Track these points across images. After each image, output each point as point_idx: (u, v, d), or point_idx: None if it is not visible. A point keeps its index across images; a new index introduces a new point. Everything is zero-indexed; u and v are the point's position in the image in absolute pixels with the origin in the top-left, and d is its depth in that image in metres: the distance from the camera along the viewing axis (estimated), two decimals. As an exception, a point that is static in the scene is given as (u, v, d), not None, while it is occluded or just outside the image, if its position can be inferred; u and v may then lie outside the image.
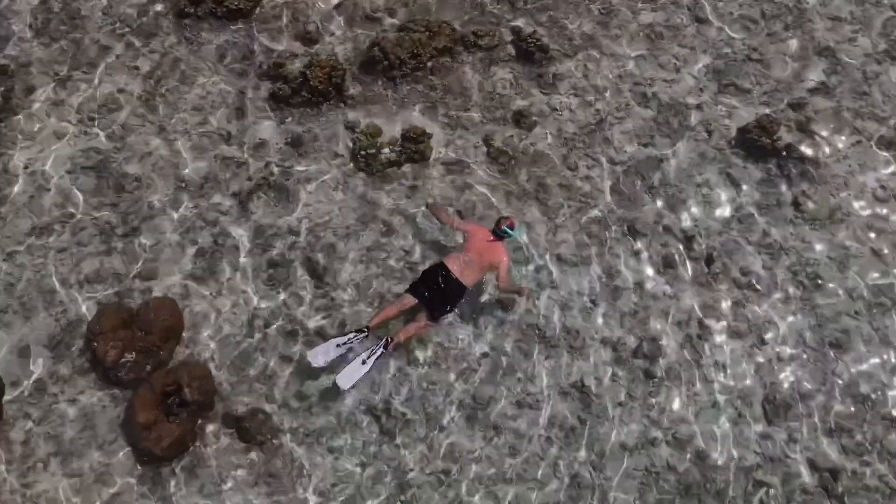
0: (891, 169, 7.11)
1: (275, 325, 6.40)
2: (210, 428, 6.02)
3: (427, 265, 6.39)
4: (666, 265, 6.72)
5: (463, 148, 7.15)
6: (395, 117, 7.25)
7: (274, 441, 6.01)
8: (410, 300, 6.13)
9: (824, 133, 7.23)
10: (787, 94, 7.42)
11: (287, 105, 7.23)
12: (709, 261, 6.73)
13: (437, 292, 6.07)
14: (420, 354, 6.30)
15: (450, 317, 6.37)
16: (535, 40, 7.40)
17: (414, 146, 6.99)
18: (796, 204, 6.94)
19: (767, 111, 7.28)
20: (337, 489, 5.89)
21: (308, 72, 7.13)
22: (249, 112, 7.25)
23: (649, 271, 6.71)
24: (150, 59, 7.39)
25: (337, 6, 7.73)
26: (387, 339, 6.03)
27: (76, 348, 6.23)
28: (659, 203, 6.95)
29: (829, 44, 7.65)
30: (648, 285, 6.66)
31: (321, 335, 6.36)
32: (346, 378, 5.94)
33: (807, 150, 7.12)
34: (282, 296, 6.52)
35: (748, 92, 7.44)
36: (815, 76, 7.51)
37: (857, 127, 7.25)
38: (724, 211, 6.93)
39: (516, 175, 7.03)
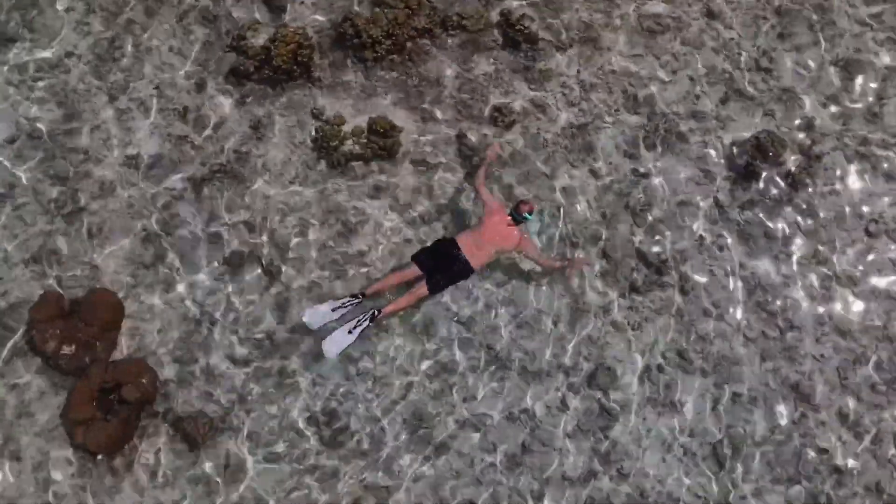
0: (887, 201, 6.60)
1: (221, 322, 6.20)
2: (149, 425, 5.94)
3: (440, 236, 6.19)
4: (633, 290, 6.38)
5: (434, 144, 6.64)
6: (364, 104, 6.70)
7: (213, 442, 5.94)
8: (414, 271, 5.91)
9: (829, 160, 6.65)
10: (796, 110, 6.78)
11: (248, 82, 6.70)
12: (681, 289, 6.38)
13: (444, 268, 5.85)
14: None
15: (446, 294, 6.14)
16: (523, 27, 6.71)
17: (381, 140, 6.49)
18: (784, 238, 6.48)
19: (770, 128, 6.68)
20: (270, 495, 5.87)
21: (272, 47, 6.55)
22: (209, 87, 6.73)
23: (615, 295, 6.38)
24: (101, 18, 6.81)
25: (310, -31, 7.04)
26: (374, 312, 5.83)
27: (19, 332, 6.09)
28: (634, 222, 6.51)
29: (851, 54, 6.92)
30: (613, 311, 6.34)
31: (269, 336, 6.18)
32: (332, 345, 5.79)
33: (806, 178, 6.56)
34: (230, 290, 6.28)
35: (751, 100, 6.80)
36: (830, 90, 6.85)
37: (863, 153, 6.66)
38: (704, 237, 6.49)
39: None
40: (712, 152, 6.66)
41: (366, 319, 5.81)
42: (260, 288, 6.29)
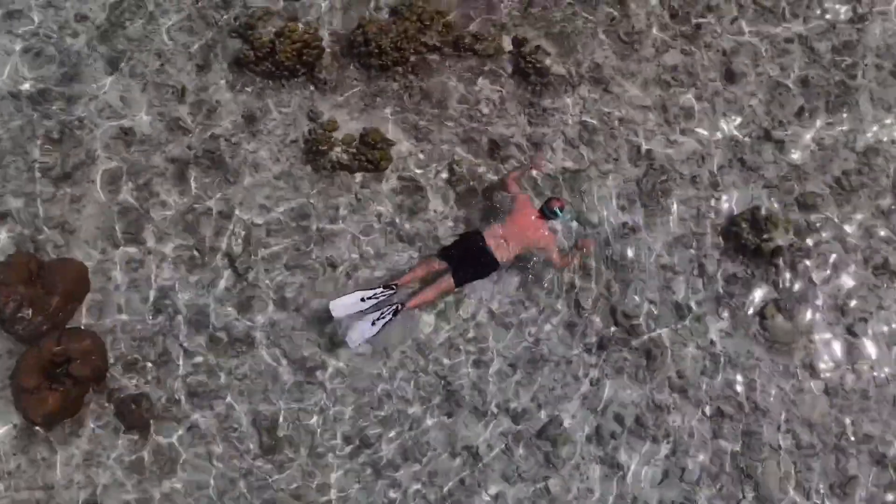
0: (878, 300, 6.33)
1: (183, 311, 6.17)
2: (94, 403, 5.95)
3: (463, 231, 6.18)
4: (600, 347, 6.23)
5: (424, 166, 6.52)
6: (361, 113, 6.58)
7: (153, 430, 5.95)
8: (441, 263, 5.87)
9: (826, 248, 6.41)
10: (800, 187, 6.54)
11: (250, 72, 6.62)
12: (648, 354, 6.22)
13: (470, 262, 5.81)
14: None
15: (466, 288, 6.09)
16: (535, 60, 6.53)
17: (369, 152, 6.38)
18: (762, 316, 6.28)
19: (769, 203, 6.45)
20: (201, 492, 5.87)
21: (278, 42, 6.46)
22: (211, 70, 6.66)
23: (579, 349, 6.23)
24: (117, -16, 6.76)
25: (333, -34, 6.90)
26: (398, 306, 5.80)
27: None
28: (613, 278, 6.34)
29: (871, 141, 6.64)
30: (575, 363, 6.20)
31: (227, 330, 6.15)
32: (356, 335, 5.75)
33: (797, 262, 6.33)
34: (198, 280, 6.25)
35: (755, 171, 6.57)
36: (840, 174, 6.57)
37: (863, 247, 6.40)
38: (682, 304, 6.31)
39: (472, 210, 6.43)
40: (706, 218, 6.45)
41: (389, 313, 5.76)
42: (227, 282, 6.24)
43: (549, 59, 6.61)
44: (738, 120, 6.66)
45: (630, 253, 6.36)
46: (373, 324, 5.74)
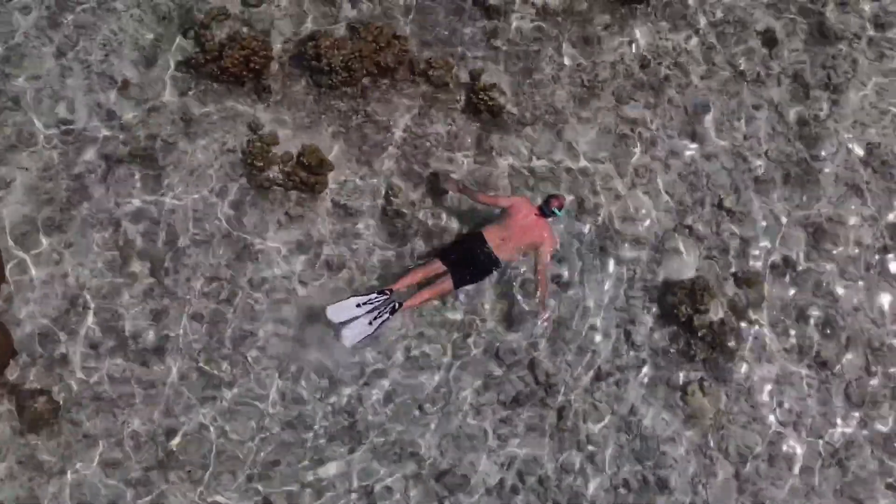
0: (807, 389, 6.14)
1: (95, 313, 6.06)
2: (-7, 393, 5.92)
3: (464, 232, 6.09)
4: (514, 401, 6.08)
5: (360, 192, 6.33)
6: (304, 131, 6.37)
7: (50, 430, 5.87)
8: (439, 266, 5.79)
9: (760, 330, 6.18)
10: (743, 264, 6.30)
11: (197, 74, 6.42)
12: (560, 414, 6.07)
13: (469, 262, 5.77)
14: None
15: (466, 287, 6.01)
16: (488, 97, 6.29)
17: (305, 174, 6.20)
18: (684, 391, 6.10)
19: (709, 275, 6.22)
20: (91, 497, 5.81)
21: (227, 46, 6.24)
22: (157, 66, 6.47)
23: (493, 400, 6.08)
24: (67, -32, 6.54)
25: (296, -28, 6.64)
26: (394, 305, 5.73)
27: None
28: (537, 333, 6.15)
29: (825, 219, 6.38)
30: (487, 414, 6.07)
31: (135, 337, 6.03)
32: (351, 335, 5.70)
33: (729, 339, 6.11)
34: (115, 281, 6.12)
35: (701, 240, 6.33)
36: (787, 253, 6.32)
37: (796, 330, 6.18)
38: (603, 368, 6.13)
39: (406, 246, 6.24)
40: (641, 283, 6.24)
41: (386, 312, 5.69)
42: (143, 286, 6.11)
43: (504, 98, 6.37)
44: (693, 183, 6.43)
45: (559, 309, 6.18)
46: (370, 323, 5.67)
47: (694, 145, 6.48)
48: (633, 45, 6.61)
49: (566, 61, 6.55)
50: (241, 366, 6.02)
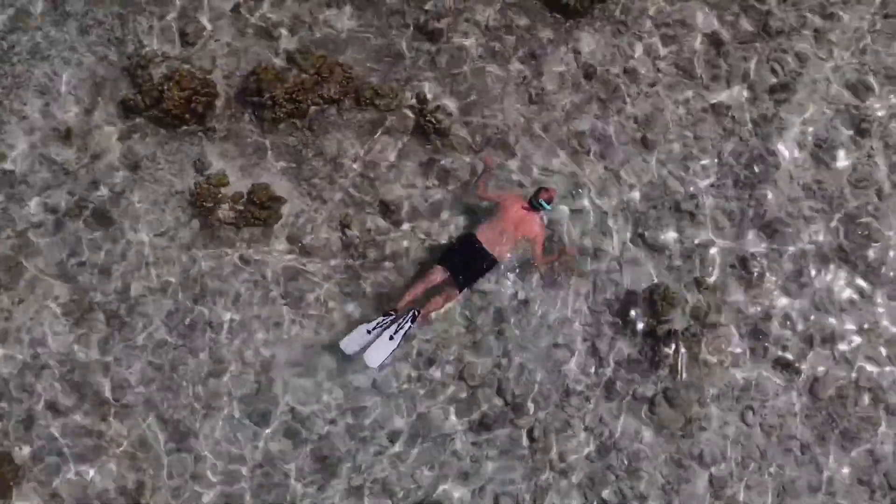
0: (774, 389, 6.13)
1: (54, 368, 5.95)
2: (-48, 459, 5.79)
3: (457, 234, 6.12)
4: (483, 426, 6.04)
5: (314, 225, 6.25)
6: (253, 167, 6.29)
7: (14, 491, 5.76)
8: (439, 274, 5.77)
9: (722, 332, 6.17)
10: (699, 267, 6.30)
11: (139, 116, 6.31)
12: (530, 435, 6.04)
13: (469, 264, 5.79)
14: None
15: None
16: (435, 119, 6.24)
17: (257, 211, 6.12)
18: (652, 402, 6.09)
19: (669, 283, 6.20)
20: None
21: (166, 87, 6.14)
22: (98, 111, 6.36)
23: (462, 426, 6.04)
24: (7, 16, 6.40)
25: (234, 8, 6.52)
26: (414, 313, 5.72)
27: None
28: (503, 352, 6.11)
29: (777, 214, 6.39)
30: (457, 441, 6.01)
31: (99, 388, 5.90)
32: (374, 355, 5.66)
33: (693, 346, 6.09)
34: (69, 336, 6.01)
35: (659, 250, 6.32)
36: (745, 254, 6.32)
37: (760, 329, 6.17)
38: (571, 385, 6.09)
39: (361, 276, 6.17)
40: (602, 296, 6.21)
41: (406, 321, 5.68)
42: (99, 339, 6.01)
43: (451, 119, 6.32)
44: (647, 190, 6.41)
45: (522, 327, 6.15)
46: (391, 338, 5.65)
47: (646, 152, 6.46)
48: (579, 57, 6.58)
49: (512, 77, 6.51)
50: (203, 413, 5.94)
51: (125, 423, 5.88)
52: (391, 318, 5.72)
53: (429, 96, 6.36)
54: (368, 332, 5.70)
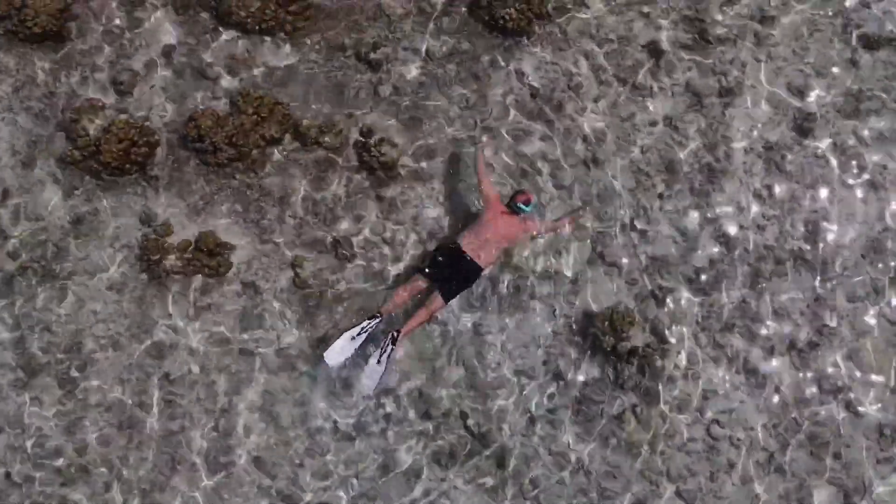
0: (739, 398, 6.12)
1: (6, 434, 5.83)
2: None
3: (439, 242, 6.08)
4: (450, 457, 5.98)
5: (266, 269, 6.16)
6: (199, 214, 6.18)
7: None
8: (423, 282, 5.71)
9: (683, 346, 6.14)
10: (657, 281, 6.27)
11: (78, 171, 6.18)
12: (500, 463, 5.99)
13: (452, 275, 5.73)
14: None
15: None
16: (379, 153, 6.16)
17: (206, 259, 6.02)
18: (620, 420, 6.06)
19: (628, 300, 6.16)
20: None
21: (103, 139, 6.01)
22: (36, 168, 6.23)
23: (427, 458, 5.96)
24: (-68, 79, 6.26)
25: (166, 52, 6.41)
26: (392, 334, 5.64)
27: None
28: (467, 382, 6.05)
29: (734, 225, 6.34)
30: (424, 477, 5.95)
31: (56, 456, 5.80)
32: (369, 381, 5.66)
33: (655, 362, 6.05)
34: (20, 400, 5.89)
35: (616, 267, 6.27)
36: (701, 265, 6.27)
37: (720, 341, 6.18)
38: (535, 409, 6.03)
39: (316, 317, 6.09)
40: (563, 318, 6.17)
41: (388, 344, 5.62)
42: (53, 401, 5.90)
43: (397, 151, 6.23)
44: (601, 208, 6.35)
45: (482, 356, 6.09)
46: (378, 362, 5.62)
47: (596, 170, 6.41)
48: (523, 78, 6.52)
49: (456, 103, 6.43)
50: (171, 474, 5.85)
51: (85, 487, 5.77)
52: (377, 320, 5.68)
53: (372, 129, 6.28)
54: (353, 337, 5.64)
